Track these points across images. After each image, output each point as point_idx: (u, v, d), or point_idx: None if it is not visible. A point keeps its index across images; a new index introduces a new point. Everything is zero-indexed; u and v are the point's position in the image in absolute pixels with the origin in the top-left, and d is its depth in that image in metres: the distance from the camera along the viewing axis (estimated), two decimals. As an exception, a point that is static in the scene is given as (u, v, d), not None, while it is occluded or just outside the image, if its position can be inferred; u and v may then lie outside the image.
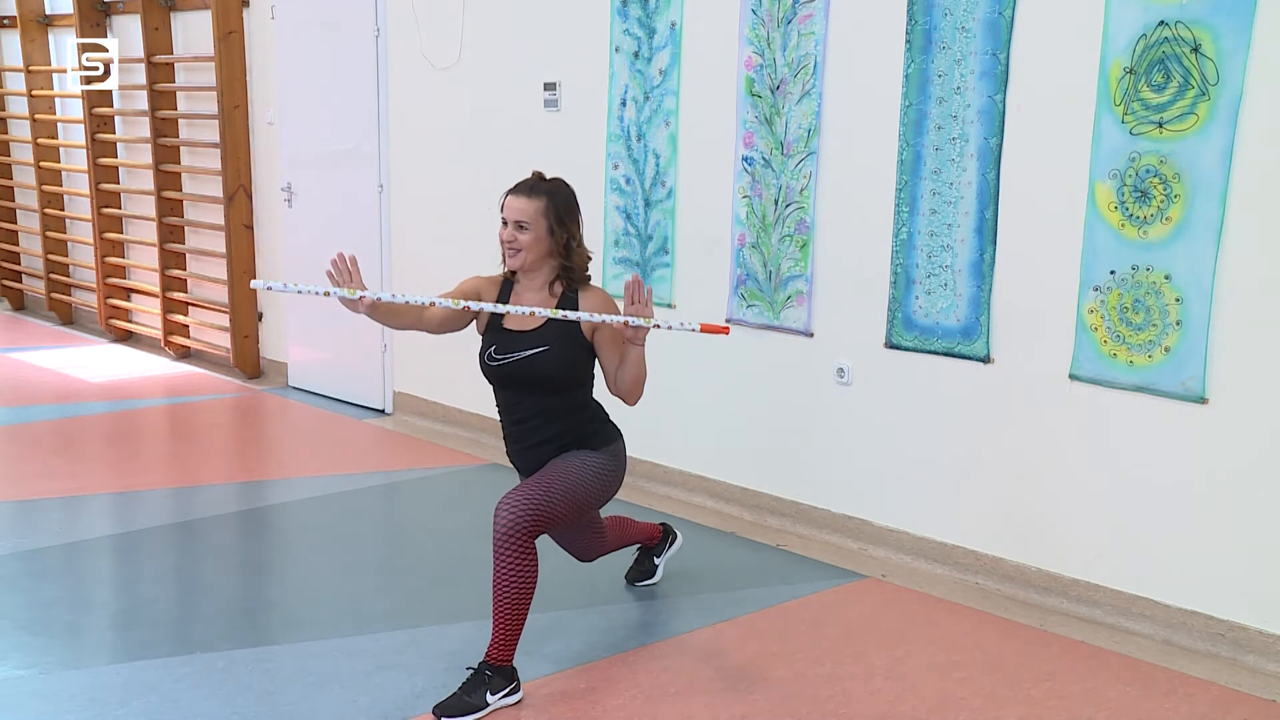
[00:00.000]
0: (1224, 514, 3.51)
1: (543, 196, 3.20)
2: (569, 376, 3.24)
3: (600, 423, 3.36)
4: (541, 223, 3.19)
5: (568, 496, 3.19)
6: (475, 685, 3.08)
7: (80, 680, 3.24)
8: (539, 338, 3.22)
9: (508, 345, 3.25)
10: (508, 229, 3.21)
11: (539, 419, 3.28)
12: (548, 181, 3.27)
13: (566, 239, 3.22)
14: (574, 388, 3.28)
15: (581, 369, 3.26)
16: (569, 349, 3.21)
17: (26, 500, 4.79)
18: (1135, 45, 3.52)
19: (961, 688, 3.31)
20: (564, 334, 3.20)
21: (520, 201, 3.20)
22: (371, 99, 6.09)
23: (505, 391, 3.32)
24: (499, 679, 3.10)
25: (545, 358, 3.20)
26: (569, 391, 3.27)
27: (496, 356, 3.25)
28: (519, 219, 3.19)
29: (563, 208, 3.22)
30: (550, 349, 3.20)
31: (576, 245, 3.25)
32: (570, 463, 3.25)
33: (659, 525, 4.03)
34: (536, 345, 3.21)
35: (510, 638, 3.11)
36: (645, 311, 3.04)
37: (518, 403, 3.31)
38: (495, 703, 3.09)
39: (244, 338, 7.02)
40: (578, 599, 3.86)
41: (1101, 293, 3.67)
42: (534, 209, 3.18)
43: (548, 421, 3.27)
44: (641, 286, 3.04)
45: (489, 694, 3.08)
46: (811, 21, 4.27)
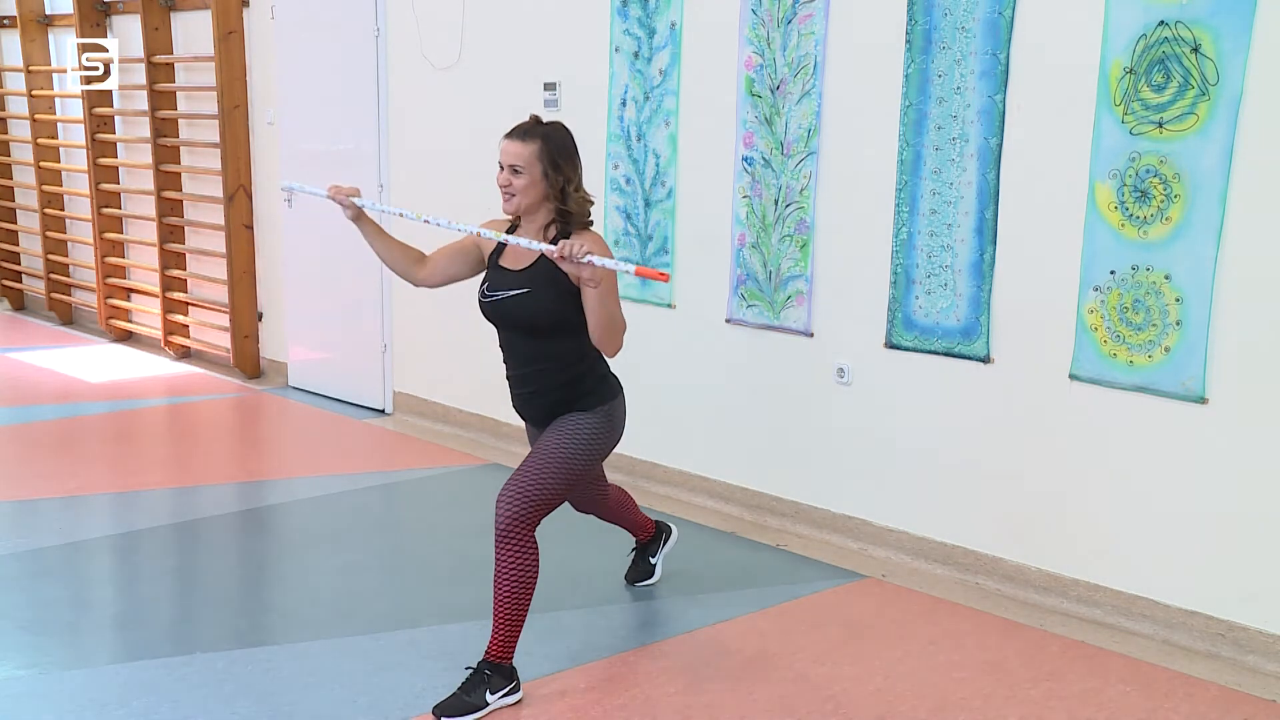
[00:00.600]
0: (1224, 514, 3.51)
1: (537, 140, 3.15)
2: (553, 320, 3.16)
3: (599, 377, 3.29)
4: (536, 166, 3.14)
5: (562, 473, 3.17)
6: (475, 684, 3.08)
7: (80, 680, 3.24)
8: (524, 279, 3.17)
9: (498, 283, 3.22)
10: (503, 173, 3.18)
11: (533, 365, 3.24)
12: (544, 125, 3.21)
13: (562, 183, 3.16)
14: (563, 333, 3.19)
15: (568, 313, 3.15)
16: (551, 291, 3.12)
17: (26, 500, 4.79)
18: (1135, 45, 3.52)
19: (961, 688, 3.31)
20: (549, 277, 3.12)
21: (515, 145, 3.15)
22: (371, 99, 6.09)
23: (501, 333, 3.29)
24: (499, 678, 3.10)
25: (527, 298, 3.15)
26: (558, 337, 3.19)
27: (488, 293, 3.24)
28: (513, 163, 3.14)
29: (558, 151, 3.17)
30: (532, 291, 3.15)
31: (574, 190, 3.18)
32: (561, 434, 3.20)
33: (654, 522, 4.03)
34: (521, 286, 3.17)
35: (511, 635, 3.11)
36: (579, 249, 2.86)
37: (513, 346, 3.28)
38: (495, 702, 3.09)
39: (244, 338, 7.02)
40: (578, 599, 3.86)
41: (1101, 293, 3.67)
42: (528, 153, 3.14)
43: (543, 370, 3.23)
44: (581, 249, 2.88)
45: (489, 693, 3.08)
46: (811, 21, 4.27)
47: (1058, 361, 3.80)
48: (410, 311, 6.13)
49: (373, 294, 6.25)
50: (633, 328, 4.93)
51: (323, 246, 6.52)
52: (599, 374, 3.30)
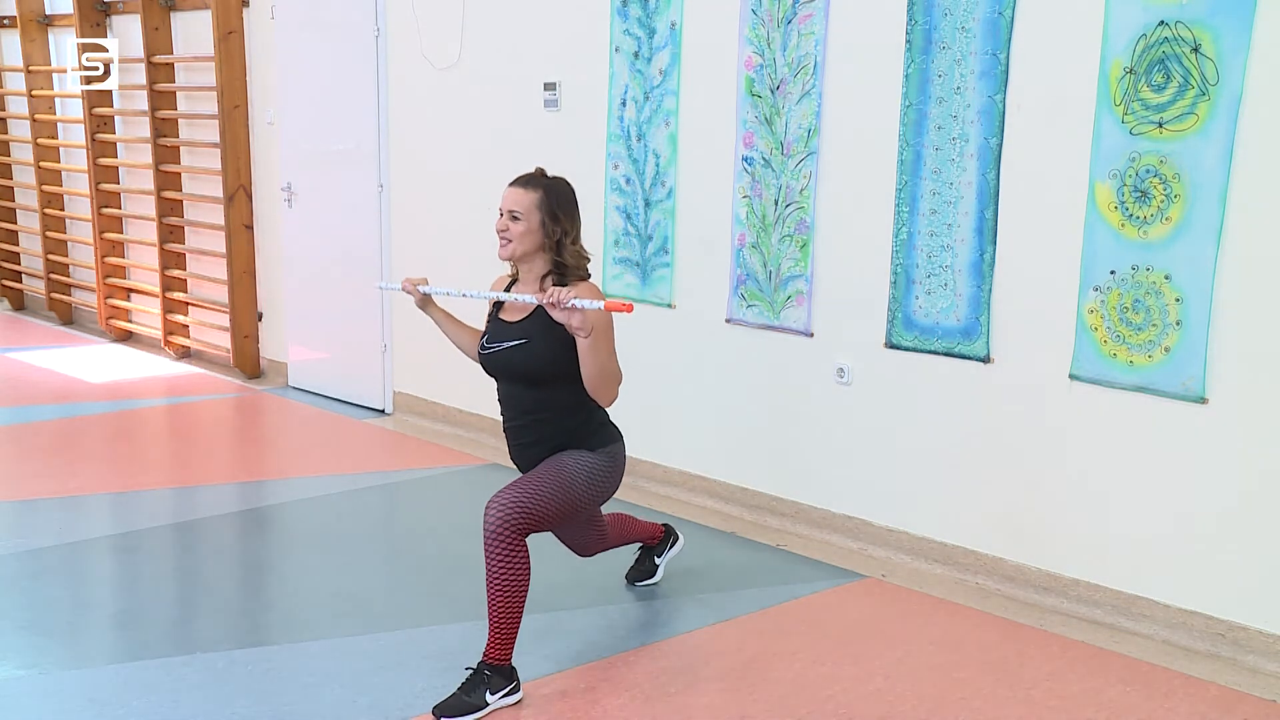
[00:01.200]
0: (1224, 514, 3.51)
1: (539, 190, 3.24)
2: (550, 371, 3.22)
3: (598, 424, 3.36)
4: (535, 215, 3.21)
5: (558, 496, 3.20)
6: (474, 685, 3.08)
7: (80, 680, 3.24)
8: (523, 330, 3.24)
9: (496, 335, 3.29)
10: (502, 219, 3.25)
11: (532, 416, 3.29)
12: (548, 178, 3.31)
13: (559, 234, 3.24)
14: (560, 383, 3.24)
15: (566, 364, 3.21)
16: (549, 343, 3.19)
17: (26, 500, 4.79)
18: (1135, 45, 3.52)
19: (961, 688, 3.31)
20: (547, 328, 3.19)
21: (517, 192, 3.24)
22: (371, 99, 6.09)
23: (500, 385, 3.35)
24: (498, 678, 3.10)
25: (526, 350, 3.21)
26: (555, 386, 3.24)
27: (487, 345, 3.30)
28: (513, 209, 3.22)
29: (558, 203, 3.24)
30: (531, 341, 3.21)
31: (570, 242, 3.26)
32: (563, 461, 3.25)
33: (661, 526, 4.03)
34: (519, 337, 3.23)
35: (507, 637, 3.11)
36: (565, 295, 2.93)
37: (512, 397, 3.33)
38: (495, 702, 3.09)
39: (244, 338, 7.02)
40: (578, 599, 3.86)
41: (1101, 293, 3.68)
42: (529, 201, 3.22)
43: (541, 420, 3.28)
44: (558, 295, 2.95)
45: (488, 693, 3.08)
46: (811, 21, 4.27)
47: (1058, 361, 3.80)
48: (410, 312, 6.11)
49: (373, 294, 6.25)
50: (633, 328, 4.94)
51: (323, 246, 6.52)
52: (598, 421, 3.35)
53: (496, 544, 3.07)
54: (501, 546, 3.07)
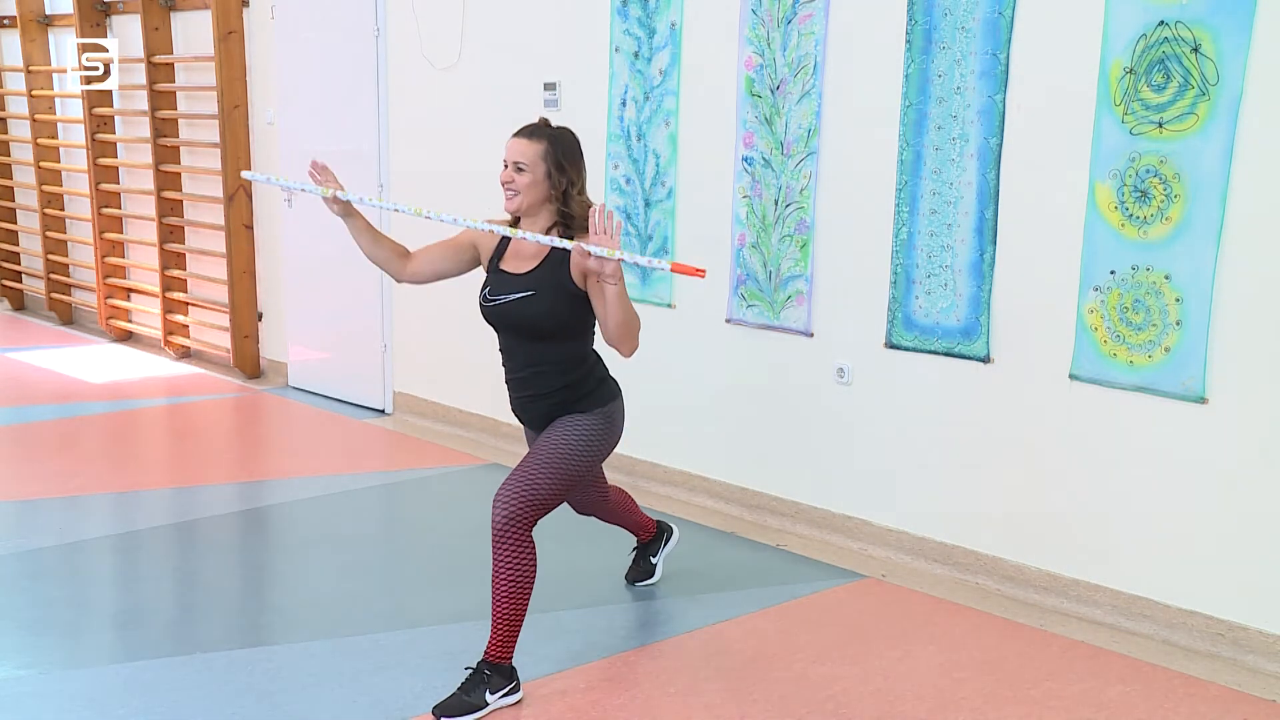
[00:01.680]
0: (1224, 514, 3.51)
1: (544, 140, 3.18)
2: (557, 323, 3.18)
3: (598, 380, 3.30)
4: (540, 166, 3.16)
5: (560, 474, 3.17)
6: (475, 684, 3.08)
7: (80, 680, 3.24)
8: (528, 281, 3.17)
9: (500, 286, 3.23)
10: (507, 170, 3.19)
11: (534, 368, 3.24)
12: (552, 128, 3.24)
13: (566, 184, 3.18)
14: (566, 337, 3.21)
15: (572, 317, 3.18)
16: (557, 295, 3.14)
17: (26, 500, 4.79)
18: (1135, 45, 3.52)
19: (961, 688, 3.31)
20: (554, 280, 3.14)
21: (521, 143, 3.18)
22: (371, 99, 6.09)
23: (502, 336, 3.29)
24: (499, 678, 3.10)
25: (532, 302, 3.16)
26: (560, 340, 3.21)
27: (490, 297, 3.24)
28: (518, 160, 3.17)
29: (563, 153, 3.19)
30: (537, 294, 3.15)
31: (577, 192, 3.21)
32: (559, 435, 3.21)
33: (656, 522, 4.02)
34: (525, 289, 3.17)
35: (509, 635, 3.11)
36: (609, 243, 2.91)
37: (513, 350, 3.28)
38: (495, 702, 3.09)
39: (244, 338, 7.02)
40: (578, 599, 3.86)
41: (1101, 293, 3.68)
42: (534, 151, 3.16)
43: (543, 373, 3.23)
44: (611, 216, 2.96)
45: (489, 693, 3.08)
46: (811, 21, 4.27)
47: (1058, 361, 3.80)
48: (410, 311, 6.13)
49: (373, 294, 6.25)
50: (633, 328, 4.93)
51: (323, 246, 6.51)
52: (598, 376, 3.31)
53: (505, 539, 3.07)
54: (510, 541, 3.06)
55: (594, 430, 3.24)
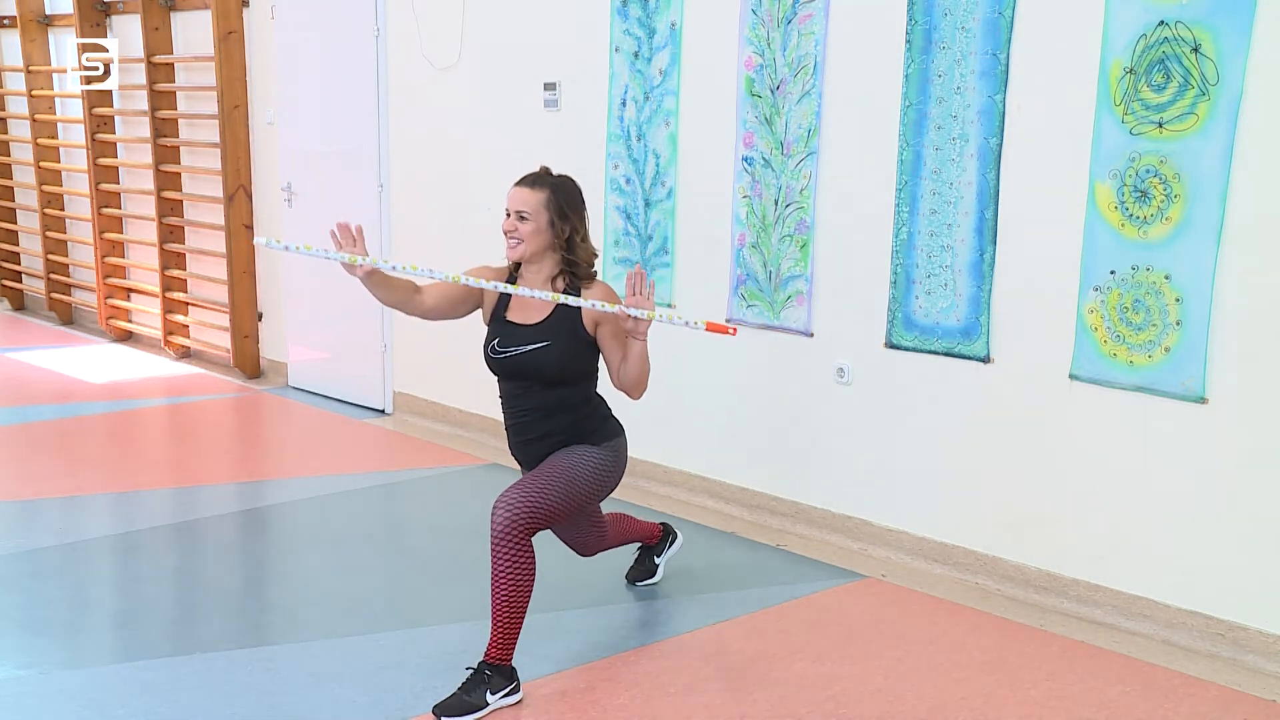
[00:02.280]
0: (1224, 514, 3.51)
1: (546, 189, 3.22)
2: (571, 372, 3.25)
3: (601, 418, 3.37)
4: (543, 214, 3.20)
5: (565, 492, 3.20)
6: (475, 685, 3.08)
7: (80, 680, 3.24)
8: (542, 332, 3.23)
9: (510, 338, 3.26)
10: (509, 219, 3.23)
11: (540, 412, 3.29)
12: (554, 176, 3.29)
13: (569, 232, 3.23)
14: (576, 382, 3.29)
15: (583, 364, 3.27)
16: (571, 344, 3.22)
17: (26, 500, 4.79)
18: (1135, 45, 3.52)
19: (961, 688, 3.31)
20: (567, 330, 3.21)
21: (523, 192, 3.22)
22: (371, 99, 6.09)
23: (507, 383, 3.34)
24: (499, 678, 3.10)
25: (547, 353, 3.21)
26: (571, 385, 3.28)
27: (499, 350, 3.27)
28: (520, 209, 3.21)
29: (565, 201, 3.23)
30: (552, 344, 3.21)
31: (580, 240, 3.26)
32: (569, 458, 3.26)
33: (659, 525, 4.03)
34: (539, 340, 3.22)
35: (509, 637, 3.11)
36: (646, 304, 3.05)
37: (519, 395, 3.31)
38: (495, 702, 3.09)
39: (244, 338, 7.02)
40: (578, 599, 3.86)
41: (1101, 293, 3.68)
42: (536, 200, 3.20)
43: (549, 415, 3.28)
44: (644, 279, 3.07)
45: (489, 693, 3.08)
46: (811, 21, 4.27)
47: (1058, 361, 3.80)
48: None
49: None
50: (633, 328, 4.93)
51: (322, 246, 6.51)
52: (601, 415, 3.37)
53: (504, 543, 3.07)
54: (509, 546, 3.07)
55: (602, 459, 3.30)
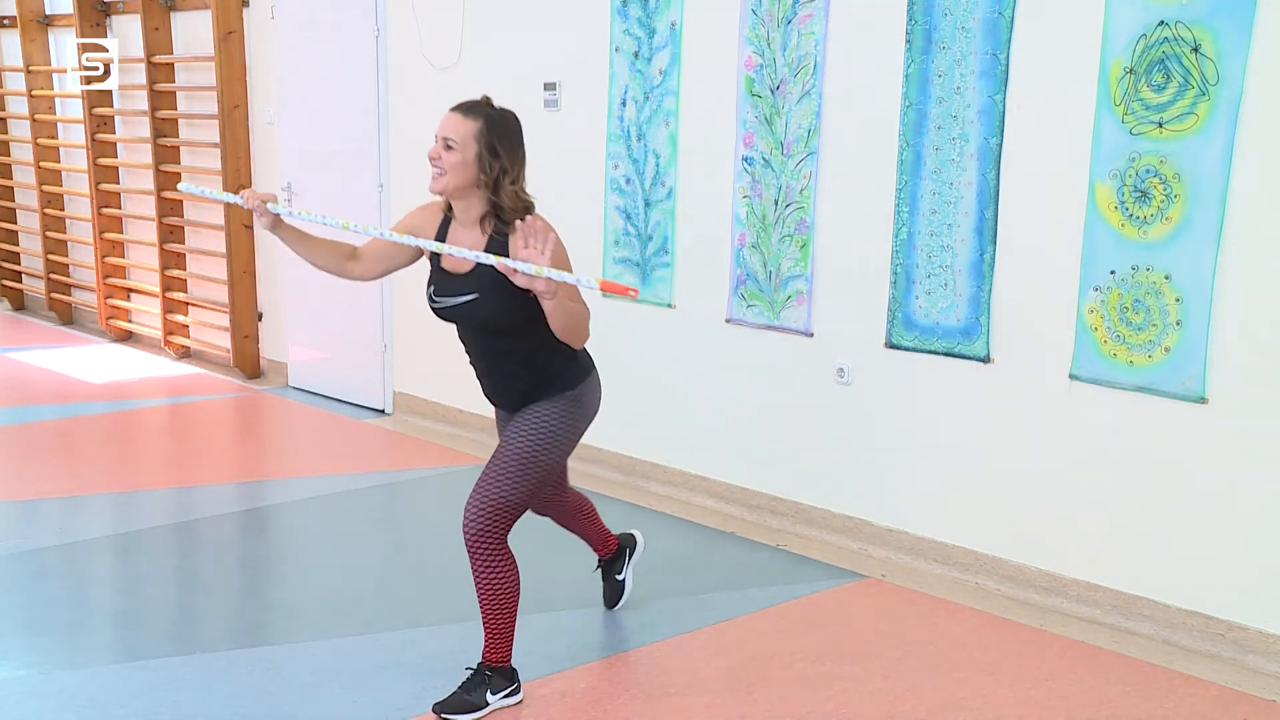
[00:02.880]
0: (1224, 514, 3.51)
1: (480, 119, 2.93)
2: (509, 321, 2.99)
3: (566, 359, 3.09)
4: (471, 146, 2.90)
5: (525, 474, 3.03)
6: (476, 684, 3.08)
7: (80, 680, 3.24)
8: (469, 283, 2.98)
9: (444, 288, 3.04)
10: (436, 146, 2.94)
11: (497, 358, 3.10)
12: (493, 108, 2.99)
13: (498, 171, 2.92)
14: (523, 329, 3.01)
15: (523, 312, 2.94)
16: (500, 295, 2.92)
17: (26, 500, 4.79)
18: (1135, 45, 3.52)
19: (961, 688, 3.31)
20: (495, 280, 2.87)
21: (455, 119, 2.94)
22: (371, 99, 6.09)
23: (459, 330, 3.15)
24: (499, 679, 3.10)
25: (478, 304, 2.98)
26: (516, 333, 3.02)
27: (436, 298, 3.07)
28: (448, 136, 2.91)
29: (499, 136, 2.93)
30: (481, 296, 2.96)
31: (509, 182, 2.94)
32: (524, 431, 3.05)
33: (616, 539, 3.75)
34: (469, 291, 2.98)
35: (502, 638, 3.09)
36: (539, 259, 2.69)
37: (472, 342, 3.13)
38: (496, 702, 3.09)
39: (244, 338, 7.02)
40: (578, 599, 3.86)
41: (1101, 293, 3.67)
42: (467, 130, 2.91)
43: (507, 359, 3.07)
44: (540, 233, 2.74)
45: (489, 693, 3.08)
46: (811, 21, 4.27)
47: (1058, 361, 3.80)
48: (410, 311, 6.12)
49: (373, 294, 6.24)
50: (632, 327, 4.94)
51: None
52: (566, 355, 3.10)
53: (478, 550, 3.03)
54: (483, 552, 3.02)
55: (559, 420, 3.07)
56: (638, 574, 3.93)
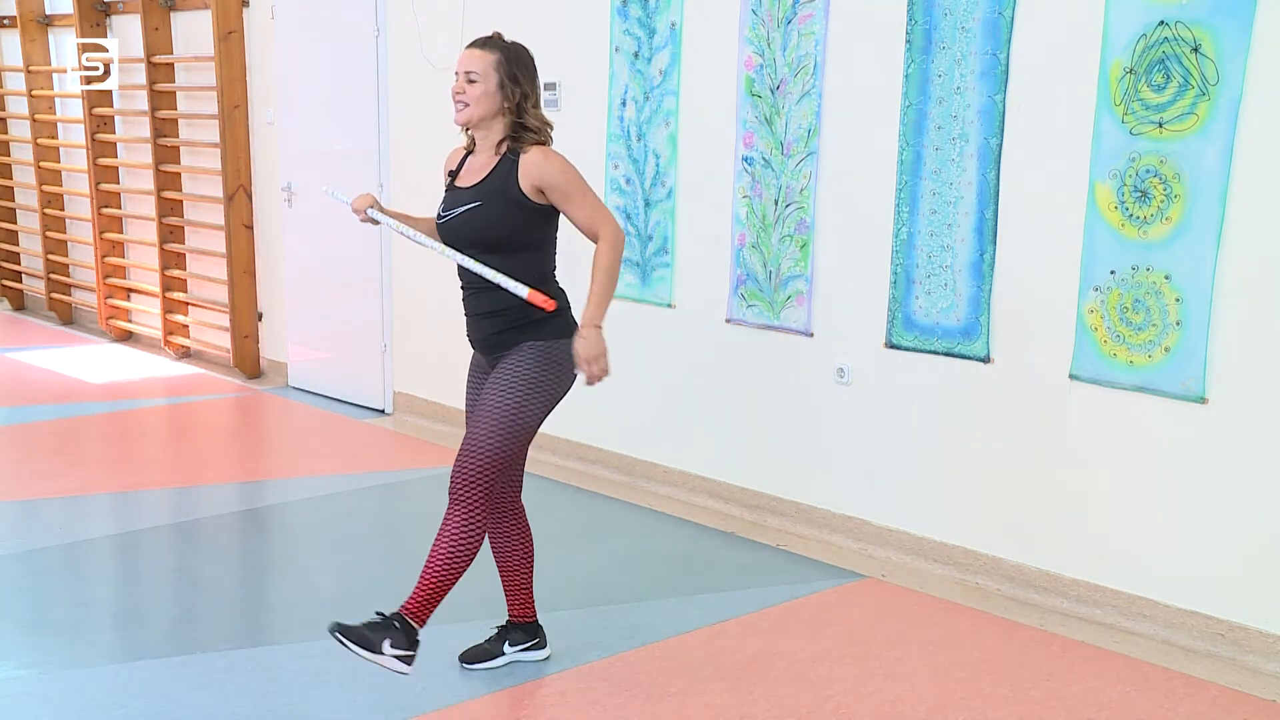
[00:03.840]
0: (1224, 514, 3.51)
1: (497, 51, 3.10)
2: (504, 233, 3.06)
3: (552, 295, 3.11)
4: (493, 76, 3.07)
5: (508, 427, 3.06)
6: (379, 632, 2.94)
7: (80, 680, 3.24)
8: (475, 194, 3.10)
9: (452, 201, 3.16)
10: (458, 81, 3.10)
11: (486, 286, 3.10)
12: (506, 40, 3.17)
13: (519, 97, 3.09)
14: (516, 249, 3.08)
15: (522, 228, 3.07)
16: (506, 204, 3.04)
17: (26, 500, 4.79)
18: (1135, 45, 3.52)
19: (961, 688, 3.31)
20: (499, 190, 3.05)
21: (474, 54, 3.10)
22: (371, 99, 6.09)
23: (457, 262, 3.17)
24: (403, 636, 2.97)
25: (478, 212, 3.07)
26: (508, 252, 3.07)
27: (442, 215, 3.17)
28: (470, 69, 3.08)
29: (517, 64, 3.11)
30: (483, 204, 3.07)
31: (532, 106, 3.11)
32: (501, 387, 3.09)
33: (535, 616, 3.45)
34: (473, 200, 3.09)
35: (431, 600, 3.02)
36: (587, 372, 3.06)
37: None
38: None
39: (244, 338, 7.02)
40: (578, 599, 3.86)
41: (1101, 293, 3.68)
42: (486, 62, 3.08)
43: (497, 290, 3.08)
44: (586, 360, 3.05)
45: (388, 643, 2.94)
46: (811, 21, 4.27)
47: (1058, 361, 3.80)
48: (410, 311, 6.13)
49: (373, 294, 6.25)
50: (633, 328, 4.94)
51: (323, 246, 6.52)
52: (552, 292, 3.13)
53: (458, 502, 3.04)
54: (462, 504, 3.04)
55: (534, 373, 3.09)
56: (638, 573, 3.94)
